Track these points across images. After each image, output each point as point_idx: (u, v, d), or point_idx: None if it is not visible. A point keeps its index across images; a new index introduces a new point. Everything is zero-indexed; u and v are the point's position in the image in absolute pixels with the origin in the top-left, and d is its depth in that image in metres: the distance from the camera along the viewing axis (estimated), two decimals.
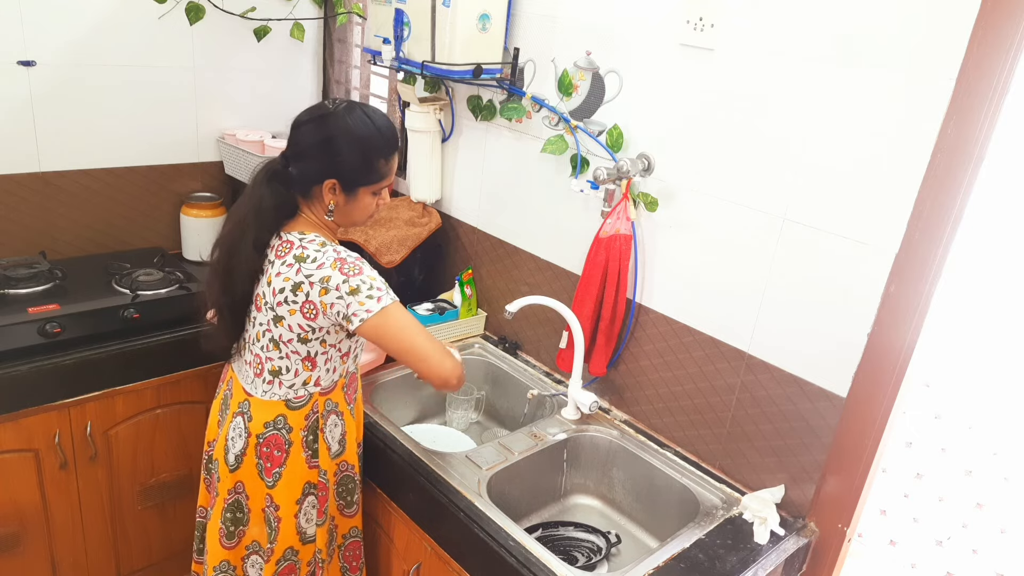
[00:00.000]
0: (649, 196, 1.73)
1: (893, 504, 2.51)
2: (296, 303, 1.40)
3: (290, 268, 1.40)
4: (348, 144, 1.42)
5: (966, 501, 2.42)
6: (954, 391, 2.40)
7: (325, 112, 1.44)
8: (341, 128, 1.41)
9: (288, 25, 2.51)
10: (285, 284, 1.40)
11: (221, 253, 1.49)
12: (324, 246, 1.42)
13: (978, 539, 2.42)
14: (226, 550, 1.60)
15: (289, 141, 1.47)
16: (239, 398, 1.55)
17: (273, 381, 1.50)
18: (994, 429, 2.37)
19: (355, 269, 1.39)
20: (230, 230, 1.48)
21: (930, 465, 2.46)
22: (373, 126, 1.44)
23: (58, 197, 2.23)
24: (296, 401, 1.51)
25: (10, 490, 1.88)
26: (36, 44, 2.07)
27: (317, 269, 1.38)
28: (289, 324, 1.43)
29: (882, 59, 1.32)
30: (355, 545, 1.72)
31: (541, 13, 1.90)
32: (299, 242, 1.43)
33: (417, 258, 2.23)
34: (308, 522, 1.58)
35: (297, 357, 1.47)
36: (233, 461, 1.53)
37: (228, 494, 1.56)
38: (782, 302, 1.54)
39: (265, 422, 1.50)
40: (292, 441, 1.52)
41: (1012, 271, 2.22)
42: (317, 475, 1.56)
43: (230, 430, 1.54)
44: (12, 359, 1.81)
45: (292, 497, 1.54)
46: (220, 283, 1.49)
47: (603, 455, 1.83)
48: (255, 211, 1.44)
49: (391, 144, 1.47)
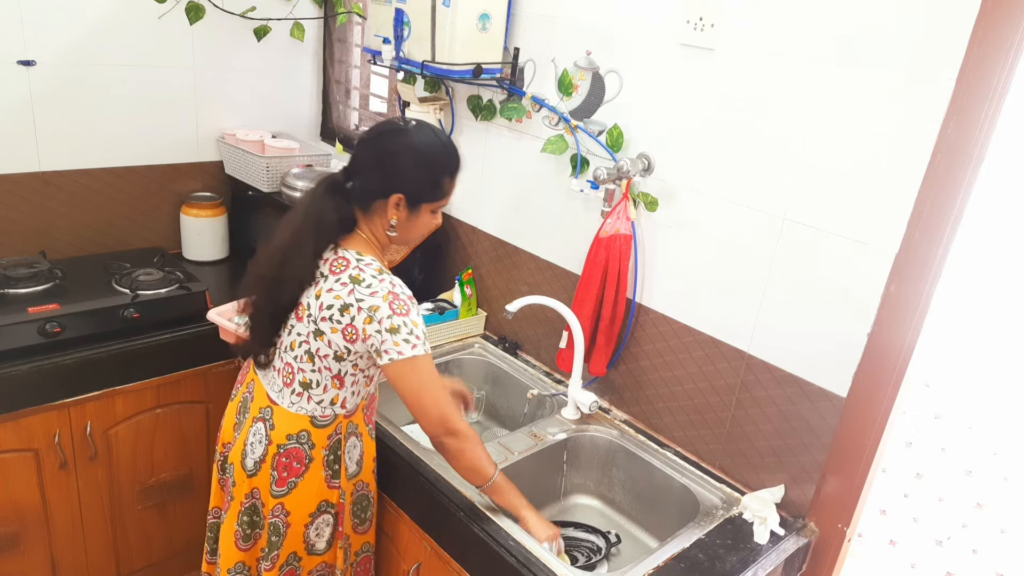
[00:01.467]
0: (649, 196, 1.73)
1: (893, 504, 2.51)
2: (340, 324, 1.39)
3: (344, 287, 1.39)
4: (418, 160, 1.43)
5: (966, 501, 2.42)
6: (954, 391, 2.40)
7: (396, 128, 1.45)
8: (412, 144, 1.43)
9: (288, 25, 2.51)
10: (335, 302, 1.39)
11: (273, 261, 1.47)
12: (381, 273, 1.42)
13: (978, 539, 2.42)
14: (242, 552, 1.60)
15: (354, 156, 1.47)
16: (261, 403, 1.54)
17: (303, 394, 1.49)
18: (994, 429, 2.37)
19: (403, 308, 1.39)
20: (286, 240, 1.46)
21: (930, 465, 2.46)
22: (441, 144, 1.46)
23: (58, 197, 2.23)
24: (322, 419, 1.50)
25: (10, 490, 1.88)
26: (36, 44, 2.07)
27: (370, 296, 1.38)
28: (329, 340, 1.42)
29: (882, 59, 1.32)
30: (366, 560, 1.72)
31: (541, 13, 1.90)
32: (356, 262, 1.42)
33: (417, 258, 2.23)
34: (319, 537, 1.57)
35: (328, 373, 1.46)
36: (252, 467, 1.53)
37: (245, 498, 1.55)
38: (782, 302, 1.54)
39: (288, 434, 1.49)
40: (313, 458, 1.51)
41: (1012, 271, 2.22)
42: (337, 496, 1.56)
43: (249, 435, 1.54)
44: (12, 359, 1.81)
45: (306, 510, 1.53)
46: (266, 290, 1.48)
47: (603, 455, 1.83)
48: (316, 222, 1.43)
49: (456, 163, 1.49)
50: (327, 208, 1.44)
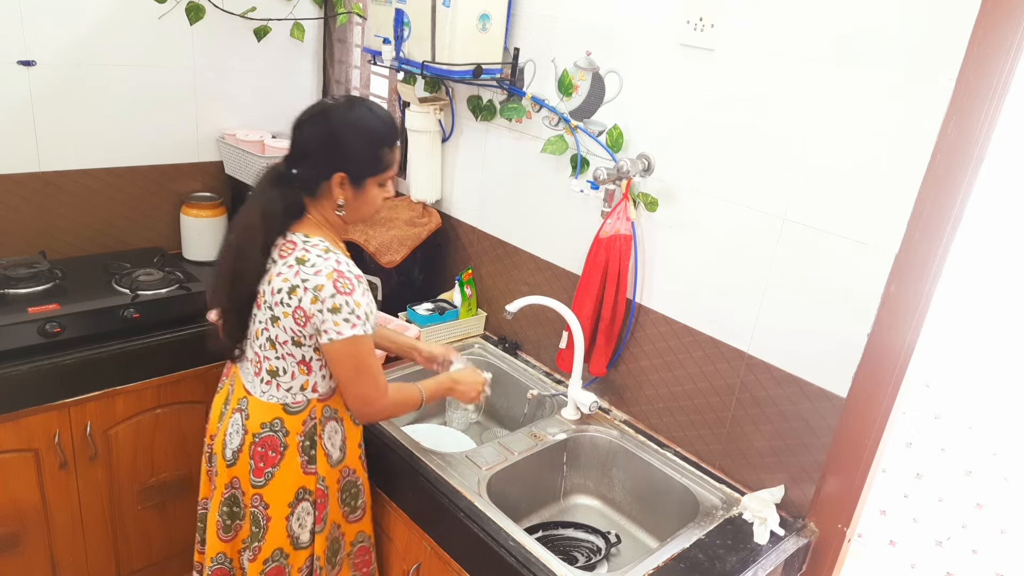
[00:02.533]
0: (649, 196, 1.73)
1: (893, 504, 2.51)
2: (290, 306, 1.41)
3: (290, 269, 1.41)
4: (353, 136, 1.42)
5: (966, 501, 2.42)
6: (954, 391, 2.39)
7: (326, 107, 1.45)
8: (344, 121, 1.42)
9: (288, 25, 2.51)
10: (283, 285, 1.41)
11: (228, 258, 1.49)
12: (327, 252, 1.42)
13: (978, 539, 2.42)
14: (223, 543, 1.61)
15: (292, 142, 1.47)
16: (239, 395, 1.56)
17: (271, 382, 1.50)
18: (994, 429, 2.36)
19: (347, 287, 1.39)
20: (238, 235, 1.48)
21: (930, 465, 2.45)
22: (375, 116, 1.45)
23: (58, 197, 2.23)
24: (294, 406, 1.51)
25: (10, 490, 1.88)
26: (36, 44, 2.07)
27: (314, 275, 1.39)
28: (284, 326, 1.43)
29: (882, 59, 1.32)
30: (364, 550, 1.71)
31: (541, 13, 1.90)
32: (302, 244, 1.43)
33: (417, 258, 2.23)
34: (301, 528, 1.57)
35: (292, 359, 1.48)
36: (230, 456, 1.54)
37: (225, 488, 1.57)
38: (782, 302, 1.54)
39: (262, 423, 1.51)
40: (288, 445, 1.52)
41: (1012, 271, 2.22)
42: (315, 482, 1.56)
43: (229, 426, 1.56)
44: (12, 359, 1.81)
45: (284, 499, 1.54)
46: (227, 287, 1.50)
47: (603, 455, 1.83)
48: (263, 215, 1.45)
49: (393, 133, 1.48)
50: (272, 199, 1.45)
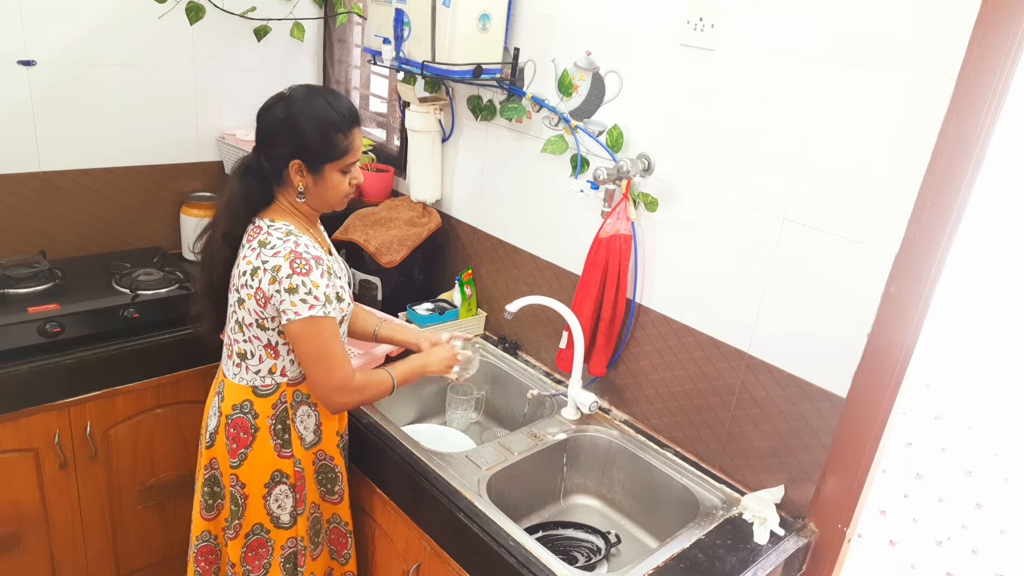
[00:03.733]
0: (649, 196, 1.72)
1: (893, 504, 2.51)
2: (252, 288, 1.45)
3: (253, 252, 1.46)
4: (305, 122, 1.45)
5: (966, 502, 2.42)
6: (954, 391, 2.39)
7: (283, 96, 1.49)
8: (296, 109, 1.45)
9: (288, 25, 2.51)
10: (247, 267, 1.46)
11: (201, 247, 1.57)
12: (288, 235, 1.46)
13: (978, 539, 2.42)
14: (206, 521, 1.65)
15: (256, 131, 1.51)
16: (219, 378, 1.62)
17: (241, 364, 1.54)
18: (994, 430, 2.36)
19: (304, 268, 1.42)
20: (209, 224, 1.57)
21: (930, 465, 2.45)
22: (325, 102, 1.47)
23: (58, 196, 2.23)
24: (263, 389, 1.55)
25: (10, 490, 1.88)
26: (36, 44, 2.07)
27: (273, 256, 1.43)
28: (248, 308, 1.48)
29: (882, 59, 1.32)
30: (338, 531, 1.74)
31: (541, 13, 1.90)
32: (267, 228, 1.48)
33: (417, 258, 2.23)
34: (281, 509, 1.61)
35: (259, 343, 1.51)
36: (208, 439, 1.59)
37: (206, 469, 1.61)
38: (782, 302, 1.54)
39: (233, 404, 1.55)
40: (259, 427, 1.56)
41: (1012, 271, 2.22)
42: (292, 465, 1.60)
43: (210, 408, 1.61)
44: (12, 359, 1.81)
45: (259, 480, 1.58)
46: (201, 273, 1.58)
47: (603, 455, 1.82)
48: (225, 204, 1.52)
49: (347, 119, 1.48)
50: (234, 188, 1.51)
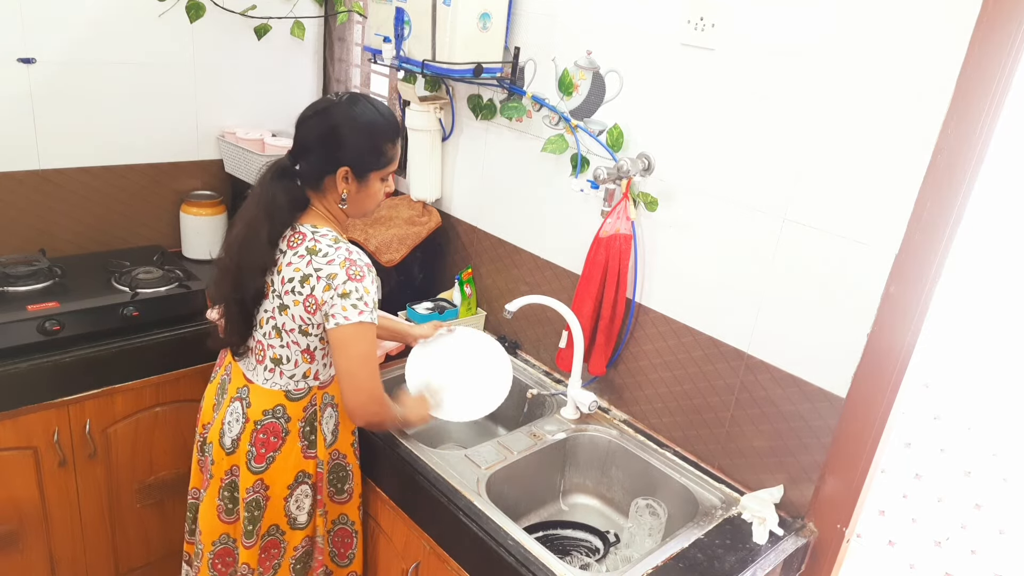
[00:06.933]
0: (649, 196, 1.72)
1: (892, 504, 2.51)
2: (301, 295, 1.44)
3: (301, 259, 1.45)
4: (356, 131, 1.46)
5: (965, 502, 2.42)
6: (953, 391, 2.39)
7: (330, 104, 1.48)
8: (348, 116, 1.46)
9: (288, 23, 2.50)
10: (295, 274, 1.45)
11: (232, 252, 1.52)
12: (337, 242, 1.47)
13: (977, 540, 2.42)
14: (226, 524, 1.64)
15: (296, 137, 1.50)
16: (238, 383, 1.58)
17: (275, 370, 1.53)
18: (993, 430, 2.37)
19: (359, 274, 1.43)
20: (242, 229, 1.51)
21: (929, 466, 2.46)
22: (377, 112, 1.50)
23: (58, 195, 2.23)
24: (296, 393, 1.55)
25: (9, 488, 1.88)
26: (36, 42, 2.07)
27: (327, 264, 1.43)
28: (293, 314, 1.47)
29: (882, 59, 1.32)
30: (343, 532, 1.74)
31: (542, 12, 1.90)
32: (312, 235, 1.47)
33: (417, 257, 2.23)
34: (299, 509, 1.61)
35: (297, 348, 1.51)
36: (229, 445, 1.57)
37: (225, 475, 1.60)
38: (782, 302, 1.54)
39: (264, 410, 1.54)
40: (289, 431, 1.56)
41: (1012, 271, 2.22)
42: (314, 465, 1.60)
43: (227, 414, 1.58)
44: (11, 357, 1.81)
45: (284, 482, 1.58)
46: (231, 281, 1.51)
47: (602, 455, 1.82)
48: (267, 208, 1.48)
49: (395, 128, 1.52)
50: (276, 193, 1.48)
